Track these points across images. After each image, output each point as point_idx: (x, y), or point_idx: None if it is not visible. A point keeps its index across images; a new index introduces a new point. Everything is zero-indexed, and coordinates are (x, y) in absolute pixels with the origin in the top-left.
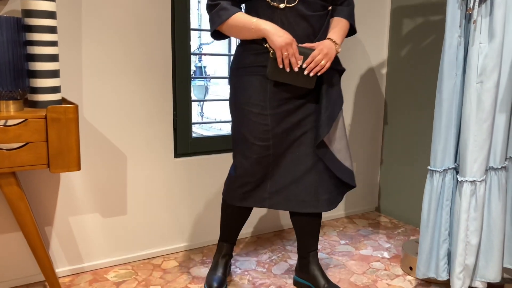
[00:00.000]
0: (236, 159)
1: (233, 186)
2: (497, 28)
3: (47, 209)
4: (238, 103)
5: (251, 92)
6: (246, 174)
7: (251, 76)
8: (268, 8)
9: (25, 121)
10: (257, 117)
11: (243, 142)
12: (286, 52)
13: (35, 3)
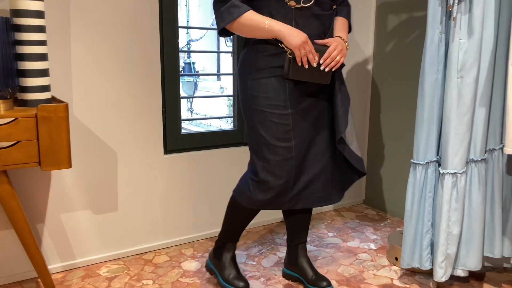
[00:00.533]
0: (258, 164)
1: (254, 191)
2: (476, 25)
3: (39, 207)
4: (257, 107)
5: (272, 94)
6: (269, 179)
7: (269, 78)
8: (282, 7)
9: (16, 120)
10: (279, 118)
11: (265, 146)
12: (303, 50)
13: (23, 3)
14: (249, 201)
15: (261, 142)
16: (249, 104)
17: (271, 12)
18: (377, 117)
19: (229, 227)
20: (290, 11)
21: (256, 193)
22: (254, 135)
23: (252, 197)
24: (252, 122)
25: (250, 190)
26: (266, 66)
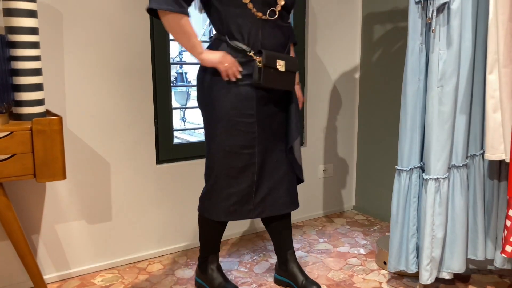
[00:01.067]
0: (217, 173)
1: (216, 201)
2: (454, 35)
3: (34, 218)
4: (224, 116)
5: (240, 103)
6: (231, 185)
7: (240, 87)
8: (250, 17)
9: (11, 134)
10: (246, 126)
11: (227, 154)
12: (227, 67)
13: (17, 20)
14: (214, 212)
15: (224, 150)
16: (215, 113)
17: (238, 20)
18: (365, 124)
19: (206, 242)
20: (257, 21)
21: (219, 202)
22: (216, 144)
23: (215, 207)
24: (216, 131)
25: (213, 201)
26: (241, 74)
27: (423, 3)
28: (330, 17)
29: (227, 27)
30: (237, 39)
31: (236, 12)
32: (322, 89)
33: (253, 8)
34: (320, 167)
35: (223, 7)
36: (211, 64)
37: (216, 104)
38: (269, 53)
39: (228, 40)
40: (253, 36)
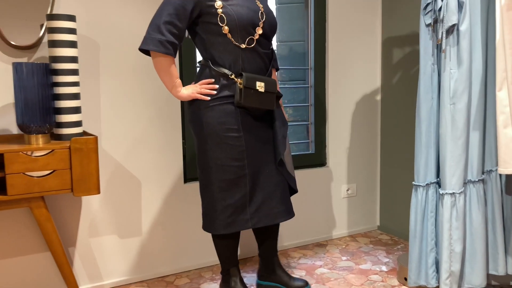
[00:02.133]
0: (213, 186)
1: (214, 215)
2: (463, 55)
3: (71, 231)
4: (212, 131)
5: (226, 119)
6: (226, 197)
7: (223, 105)
8: (231, 44)
9: (52, 152)
10: (233, 140)
11: (219, 167)
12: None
13: (60, 50)
14: (213, 226)
15: (215, 164)
16: (203, 130)
17: (220, 48)
18: (388, 144)
19: (223, 257)
20: (237, 49)
21: (216, 215)
22: (207, 159)
23: (214, 221)
24: (206, 146)
25: (211, 216)
26: (219, 95)
27: (433, 26)
28: (350, 42)
29: (210, 54)
30: (220, 64)
31: (218, 40)
32: (343, 110)
33: (232, 38)
34: (343, 187)
35: (206, 35)
36: (188, 98)
37: (204, 122)
38: (249, 76)
39: (212, 66)
40: (233, 62)
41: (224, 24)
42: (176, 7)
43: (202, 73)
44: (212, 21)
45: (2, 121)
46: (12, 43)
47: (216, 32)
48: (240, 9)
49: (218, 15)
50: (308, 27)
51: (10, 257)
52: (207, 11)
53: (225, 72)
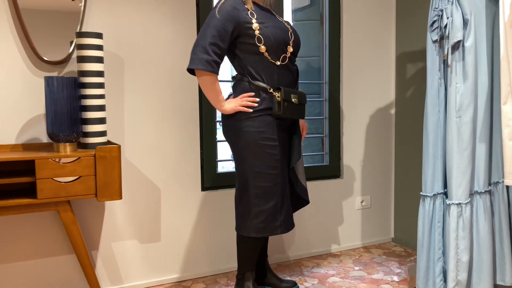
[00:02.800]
0: (250, 192)
1: (248, 219)
2: (469, 70)
3: (94, 235)
4: (252, 140)
5: (265, 129)
6: (261, 203)
7: (262, 116)
8: (267, 62)
9: (79, 159)
10: (271, 149)
11: (257, 175)
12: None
13: (88, 65)
14: (247, 229)
15: (253, 171)
16: (243, 139)
17: (257, 65)
18: (402, 157)
19: (243, 260)
20: (272, 65)
21: (250, 219)
22: (246, 166)
23: (248, 224)
24: (245, 154)
25: (246, 220)
26: (259, 107)
27: (440, 42)
28: (364, 57)
29: (248, 70)
30: (258, 79)
31: (255, 58)
32: (358, 124)
33: (268, 56)
34: (357, 199)
35: (244, 54)
36: (231, 111)
37: (245, 132)
38: (285, 89)
39: (251, 80)
40: (270, 77)
41: (261, 44)
42: (218, 30)
43: (240, 87)
44: (249, 42)
45: (33, 131)
46: (44, 59)
47: (254, 51)
48: (274, 30)
49: (255, 36)
50: (323, 43)
51: (37, 258)
52: (245, 32)
53: (264, 86)
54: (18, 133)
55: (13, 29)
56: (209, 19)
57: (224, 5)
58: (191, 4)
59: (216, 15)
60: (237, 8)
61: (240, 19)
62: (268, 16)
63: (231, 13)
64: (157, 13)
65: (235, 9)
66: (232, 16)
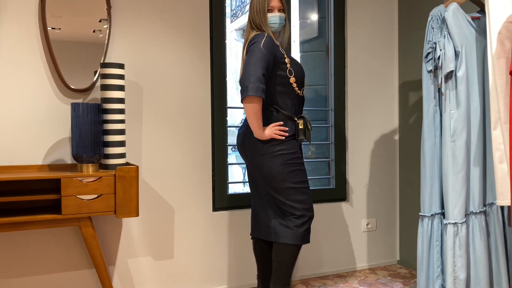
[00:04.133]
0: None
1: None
2: (461, 98)
3: (111, 251)
4: (287, 161)
5: (295, 150)
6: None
7: (291, 140)
8: (294, 94)
9: (100, 179)
10: (301, 166)
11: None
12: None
13: (110, 93)
14: (296, 237)
15: (293, 188)
16: (280, 160)
17: (284, 96)
18: (407, 181)
19: (289, 268)
20: (295, 96)
21: (299, 227)
22: (283, 185)
23: (297, 233)
24: (282, 174)
25: (291, 229)
26: (289, 134)
27: (434, 72)
28: (369, 86)
29: (276, 101)
30: (284, 108)
31: (284, 90)
32: (363, 149)
33: (296, 87)
34: (363, 221)
35: (274, 86)
36: (268, 137)
37: (280, 154)
38: (306, 118)
39: (279, 109)
40: (292, 106)
41: (292, 76)
42: (266, 62)
43: (271, 116)
44: (281, 74)
45: (59, 152)
46: (71, 87)
47: (284, 82)
48: (297, 66)
49: (287, 68)
50: (329, 72)
51: (58, 272)
52: (279, 66)
53: (291, 116)
54: (45, 155)
55: (44, 59)
56: (256, 53)
57: (266, 41)
58: (205, 38)
59: (262, 49)
60: (274, 44)
61: (277, 54)
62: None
63: (272, 48)
64: (174, 46)
65: (274, 45)
66: (273, 50)
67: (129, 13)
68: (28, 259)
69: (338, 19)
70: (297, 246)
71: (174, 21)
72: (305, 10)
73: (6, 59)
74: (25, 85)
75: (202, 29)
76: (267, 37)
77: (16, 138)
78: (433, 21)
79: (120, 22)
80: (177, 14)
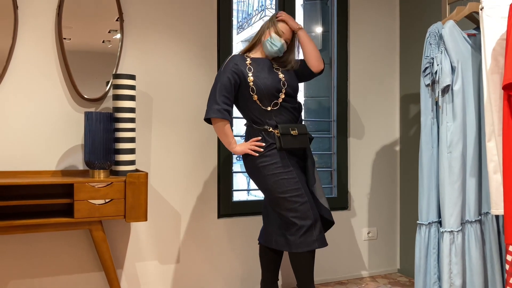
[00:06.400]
0: (288, 215)
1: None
2: (457, 111)
3: (120, 255)
4: (269, 172)
5: (277, 160)
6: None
7: (272, 150)
8: (261, 109)
9: (111, 184)
10: (287, 175)
11: (284, 200)
12: (250, 147)
13: (122, 103)
14: (304, 244)
15: (280, 198)
16: (262, 173)
17: (255, 112)
18: (407, 190)
19: (310, 273)
20: (267, 112)
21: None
22: (272, 196)
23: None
24: (268, 185)
25: (298, 237)
26: (267, 144)
27: (432, 86)
28: (370, 98)
29: (250, 116)
30: (259, 123)
31: (253, 106)
32: (364, 159)
33: (260, 103)
34: (364, 230)
35: (244, 103)
36: (241, 152)
37: (261, 167)
38: (283, 125)
39: (254, 125)
40: (268, 119)
41: (254, 93)
42: (224, 84)
43: (249, 131)
44: (246, 92)
45: (72, 159)
46: (84, 96)
47: (250, 99)
48: (265, 81)
49: (250, 87)
50: (332, 84)
51: (68, 274)
52: (244, 84)
53: (265, 128)
54: (58, 161)
55: (59, 69)
56: (217, 76)
57: (228, 63)
58: (213, 50)
59: (222, 72)
60: (237, 64)
61: (241, 73)
62: (264, 69)
63: (233, 68)
64: (183, 58)
65: (236, 65)
66: (234, 71)
67: (141, 26)
68: (40, 261)
69: (341, 32)
70: (309, 252)
71: (183, 33)
72: (309, 23)
73: (24, 68)
74: (41, 94)
75: (209, 41)
76: (233, 58)
77: (31, 145)
78: (431, 37)
79: (132, 33)
80: (186, 26)
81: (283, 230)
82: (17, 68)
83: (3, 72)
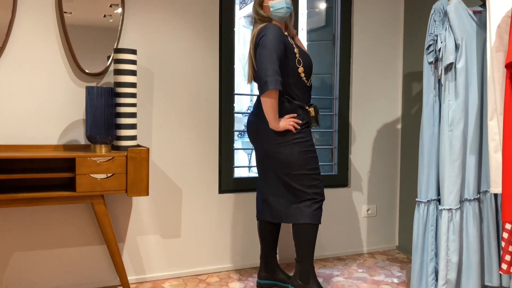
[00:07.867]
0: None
1: (313, 210)
2: (460, 89)
3: (121, 228)
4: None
5: (309, 137)
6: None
7: (306, 128)
8: (301, 84)
9: (112, 159)
10: (315, 153)
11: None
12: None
13: (123, 77)
14: (312, 217)
15: (305, 175)
16: (295, 149)
17: (294, 86)
18: (407, 169)
19: (312, 246)
20: (304, 87)
21: (313, 209)
22: (297, 172)
23: (312, 214)
24: (298, 161)
25: (307, 210)
26: (302, 122)
27: (435, 63)
28: (373, 75)
29: (287, 91)
30: (295, 99)
31: (293, 80)
32: (366, 137)
33: (304, 77)
34: (363, 207)
35: (284, 77)
36: (282, 128)
37: (297, 143)
38: (315, 106)
39: (291, 100)
40: (302, 96)
41: (300, 66)
42: (279, 53)
43: (286, 107)
44: (291, 65)
45: (74, 133)
46: (85, 71)
47: (293, 73)
48: (304, 56)
49: (296, 59)
50: (335, 61)
51: (71, 247)
52: (289, 56)
53: (302, 105)
54: (60, 135)
55: (60, 44)
56: (268, 45)
57: (276, 32)
58: (215, 25)
59: (272, 41)
60: (283, 34)
61: (287, 44)
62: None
63: (282, 38)
64: (184, 32)
65: (283, 35)
66: (283, 41)
67: (142, 1)
68: (43, 233)
69: (345, 9)
70: (314, 225)
71: (185, 8)
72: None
73: (24, 42)
74: (42, 68)
75: (211, 16)
76: (276, 28)
77: (33, 119)
78: (436, 14)
79: (133, 8)
80: (188, 0)
81: (296, 204)
82: (17, 42)
83: (3, 45)
